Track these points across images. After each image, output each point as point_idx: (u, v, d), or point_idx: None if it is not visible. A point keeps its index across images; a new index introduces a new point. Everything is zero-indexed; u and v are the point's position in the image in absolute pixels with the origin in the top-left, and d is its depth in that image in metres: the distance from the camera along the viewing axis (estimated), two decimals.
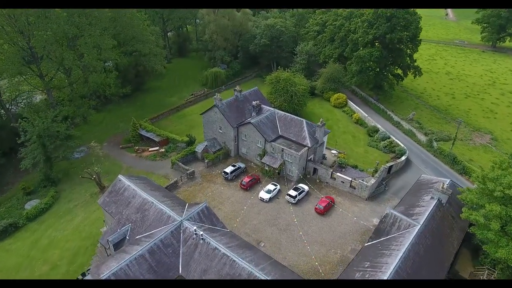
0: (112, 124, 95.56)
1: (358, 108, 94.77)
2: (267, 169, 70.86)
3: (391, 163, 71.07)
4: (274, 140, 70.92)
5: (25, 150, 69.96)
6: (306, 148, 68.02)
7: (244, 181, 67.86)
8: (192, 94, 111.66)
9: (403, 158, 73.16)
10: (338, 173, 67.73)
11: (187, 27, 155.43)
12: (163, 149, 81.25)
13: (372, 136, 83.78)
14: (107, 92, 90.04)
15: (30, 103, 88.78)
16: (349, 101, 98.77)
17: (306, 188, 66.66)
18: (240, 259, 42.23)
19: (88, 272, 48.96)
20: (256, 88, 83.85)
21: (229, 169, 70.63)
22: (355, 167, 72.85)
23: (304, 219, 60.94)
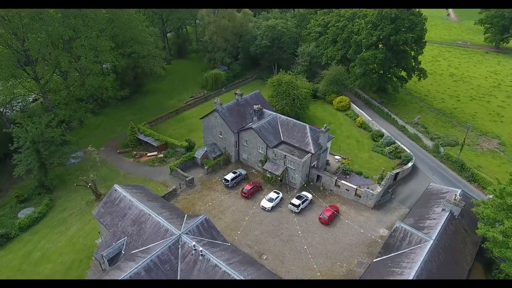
0: (110, 127, 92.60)
1: (362, 111, 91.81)
2: (269, 176, 67.97)
3: (397, 170, 68.14)
4: (276, 146, 68.01)
5: (19, 157, 67.08)
6: (310, 154, 65.13)
7: (245, 189, 64.97)
8: (191, 97, 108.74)
9: (410, 164, 70.22)
10: (342, 181, 64.81)
11: (187, 28, 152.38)
12: (161, 154, 78.34)
13: (376, 141, 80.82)
14: (104, 95, 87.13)
15: (26, 106, 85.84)
16: (352, 104, 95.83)
17: (309, 196, 63.79)
18: (242, 278, 39.36)
19: None
20: (257, 91, 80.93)
21: (229, 176, 67.74)
22: (360, 174, 69.96)
23: (307, 230, 58.08)
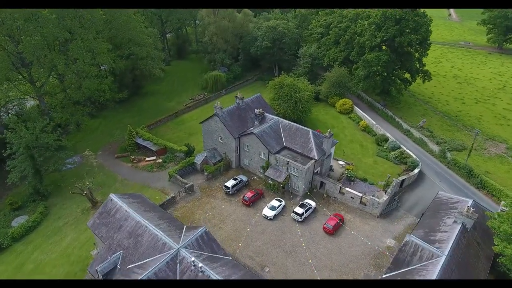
0: (108, 131, 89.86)
1: (365, 114, 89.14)
2: (271, 183, 65.36)
3: (404, 177, 65.54)
4: (278, 152, 65.37)
5: (12, 163, 64.42)
6: (313, 161, 62.49)
7: (247, 197, 62.37)
8: (191, 99, 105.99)
9: (416, 171, 67.61)
10: (347, 188, 62.24)
11: (187, 28, 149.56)
12: (160, 159, 75.69)
13: (381, 146, 78.19)
14: (102, 98, 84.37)
15: (22, 110, 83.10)
16: (355, 107, 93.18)
17: (313, 204, 61.19)
18: None
19: None
20: (258, 94, 78.26)
21: (230, 183, 65.10)
22: (365, 180, 67.36)
23: (311, 240, 55.53)
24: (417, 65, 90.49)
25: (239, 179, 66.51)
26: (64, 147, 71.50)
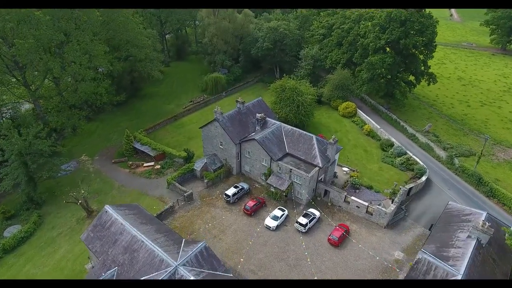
0: (105, 135, 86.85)
1: (369, 118, 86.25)
2: (273, 191, 62.54)
3: (411, 185, 62.71)
4: (281, 159, 62.52)
5: (5, 170, 61.53)
6: (317, 168, 59.67)
7: (248, 206, 59.55)
8: (191, 101, 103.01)
9: (424, 178, 64.78)
10: (352, 197, 59.40)
11: (186, 29, 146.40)
12: (158, 165, 72.77)
13: (386, 151, 75.35)
14: (99, 102, 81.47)
15: (17, 113, 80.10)
16: (359, 110, 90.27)
17: (317, 214, 58.38)
18: None
19: None
20: (260, 98, 75.36)
21: (231, 191, 62.24)
22: (370, 188, 64.57)
23: (316, 252, 52.76)
24: (422, 68, 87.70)
25: (240, 187, 63.66)
26: (59, 153, 68.61)
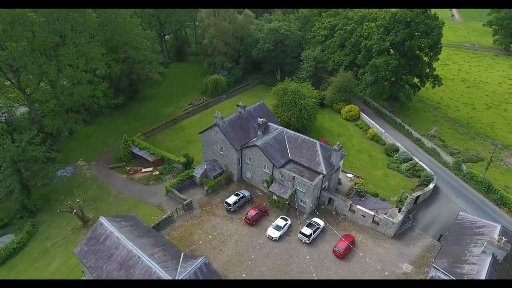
0: (103, 139, 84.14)
1: (373, 121, 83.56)
2: (275, 199, 59.91)
3: (418, 193, 60.10)
4: (283, 166, 59.92)
5: None
6: (321, 176, 57.06)
7: (250, 215, 56.93)
8: (190, 104, 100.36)
9: (431, 186, 62.15)
10: (358, 206, 56.77)
11: (186, 30, 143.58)
12: (157, 172, 70.07)
13: (391, 156, 72.72)
14: (95, 106, 78.80)
15: (12, 117, 77.46)
16: (362, 114, 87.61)
17: (321, 223, 55.77)
18: None
19: None
20: (261, 102, 72.68)
21: (231, 199, 59.62)
22: (376, 196, 61.95)
23: (320, 265, 50.20)
24: (427, 70, 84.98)
25: (241, 195, 61.03)
26: (54, 159, 65.99)
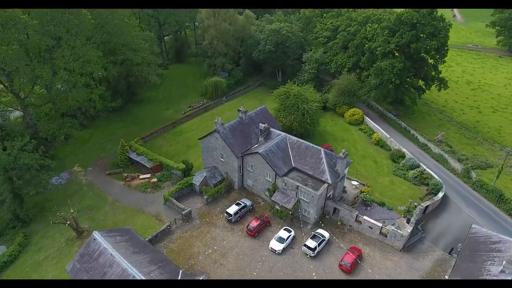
0: (100, 143, 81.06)
1: (377, 125, 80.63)
2: (278, 209, 57.01)
3: (427, 202, 57.24)
4: (286, 174, 57.01)
5: None
6: (326, 185, 54.16)
7: (251, 226, 54.07)
8: (190, 106, 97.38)
9: (440, 195, 59.26)
10: (364, 216, 53.90)
11: (186, 31, 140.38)
12: (155, 179, 67.08)
13: (397, 162, 69.84)
14: (92, 111, 75.88)
15: (6, 121, 74.44)
16: (366, 118, 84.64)
17: (326, 235, 52.95)
18: None
19: None
20: (263, 106, 69.75)
21: (232, 209, 56.73)
22: (382, 205, 59.11)
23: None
24: (433, 73, 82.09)
25: (242, 204, 58.14)
26: (48, 166, 62.98)
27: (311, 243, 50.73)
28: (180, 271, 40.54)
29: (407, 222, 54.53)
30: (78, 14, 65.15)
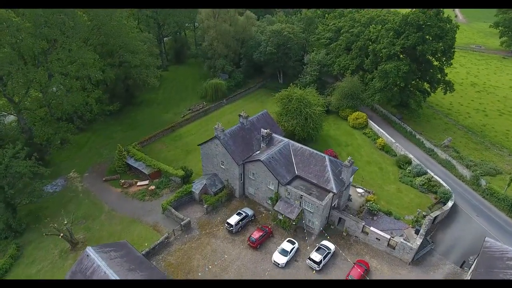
0: (97, 148, 78.28)
1: (381, 129, 77.88)
2: (281, 219, 54.34)
3: (437, 212, 54.55)
4: (289, 183, 54.29)
5: None
6: (331, 194, 51.45)
7: (253, 237, 51.39)
8: (189, 109, 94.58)
9: (450, 204, 56.55)
10: (372, 227, 51.19)
11: (185, 31, 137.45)
12: (153, 186, 64.38)
13: (403, 169, 67.11)
14: (88, 115, 73.19)
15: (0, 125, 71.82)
16: (370, 121, 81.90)
17: (332, 248, 50.29)
18: None
19: None
20: (265, 111, 66.98)
21: (233, 219, 54.02)
22: (389, 214, 56.42)
23: None
24: (439, 76, 79.36)
25: (244, 214, 55.44)
26: (41, 174, 60.24)
27: (316, 256, 48.08)
28: None
29: (416, 233, 51.92)
30: (73, 15, 62.40)
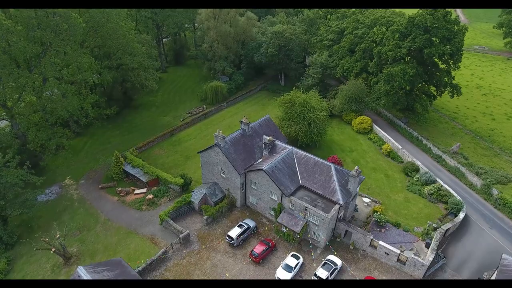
0: (94, 153, 75.29)
1: (387, 134, 74.99)
2: (285, 231, 51.37)
3: (448, 225, 51.56)
4: (293, 193, 51.30)
5: None
6: (337, 206, 48.48)
7: (256, 252, 48.39)
8: (189, 113, 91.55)
9: (462, 216, 53.56)
10: (380, 242, 48.21)
11: (185, 32, 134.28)
12: (151, 195, 61.34)
13: (411, 176, 64.17)
14: (84, 121, 70.14)
15: None
16: (375, 126, 78.95)
17: (338, 263, 47.28)
18: None
19: None
20: (267, 116, 63.85)
21: (234, 232, 50.99)
22: (398, 226, 53.48)
23: None
24: (446, 79, 76.30)
25: (245, 226, 52.39)
26: (35, 183, 57.27)
27: (322, 273, 45.13)
28: None
29: (426, 247, 49.08)
30: (67, 17, 59.22)
